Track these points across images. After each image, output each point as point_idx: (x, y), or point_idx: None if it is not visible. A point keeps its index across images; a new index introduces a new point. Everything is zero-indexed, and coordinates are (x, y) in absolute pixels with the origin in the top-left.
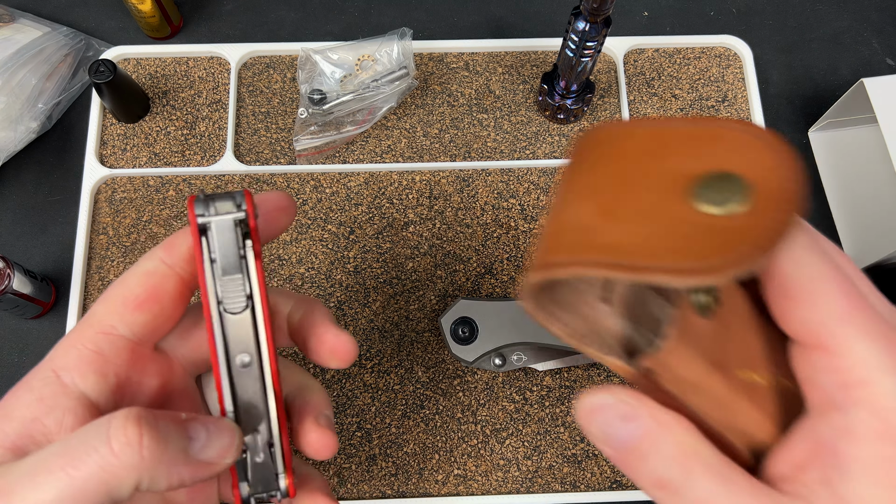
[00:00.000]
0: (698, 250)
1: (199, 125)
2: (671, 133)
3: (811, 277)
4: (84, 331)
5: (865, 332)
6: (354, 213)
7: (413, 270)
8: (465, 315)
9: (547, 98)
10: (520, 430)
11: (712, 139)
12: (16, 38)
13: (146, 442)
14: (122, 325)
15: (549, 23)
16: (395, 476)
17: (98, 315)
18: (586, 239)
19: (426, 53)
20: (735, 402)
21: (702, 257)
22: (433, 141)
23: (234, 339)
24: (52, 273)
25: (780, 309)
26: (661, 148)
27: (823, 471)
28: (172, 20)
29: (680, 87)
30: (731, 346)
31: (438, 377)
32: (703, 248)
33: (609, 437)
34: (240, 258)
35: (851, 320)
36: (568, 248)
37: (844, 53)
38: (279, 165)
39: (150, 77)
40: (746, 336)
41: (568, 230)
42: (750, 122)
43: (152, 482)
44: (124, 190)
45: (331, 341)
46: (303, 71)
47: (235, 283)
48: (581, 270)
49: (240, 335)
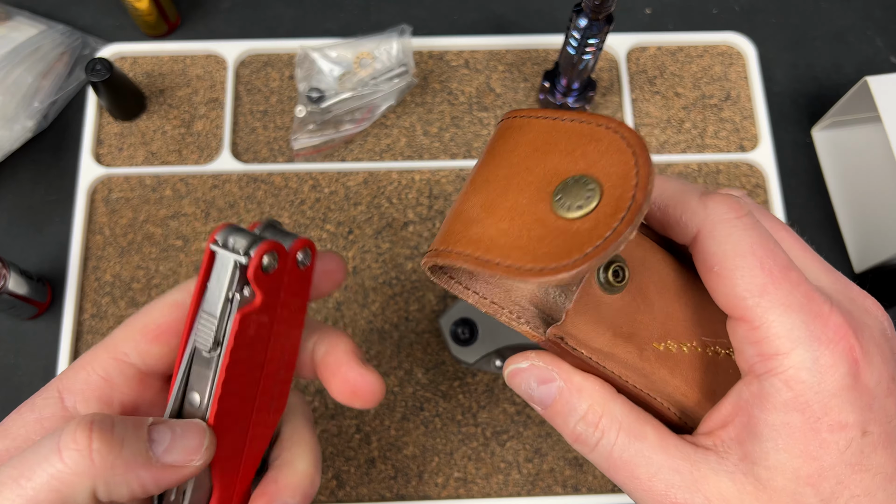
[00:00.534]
0: (539, 252)
1: (196, 123)
2: (560, 128)
3: (732, 253)
4: (98, 353)
5: (782, 304)
6: (353, 213)
7: (413, 271)
8: (466, 316)
9: (548, 96)
10: (521, 433)
11: (591, 139)
12: (11, 35)
13: (96, 446)
14: (135, 354)
15: (550, 20)
16: (394, 479)
17: (115, 339)
18: (464, 231)
19: (426, 51)
20: (652, 371)
21: (538, 259)
22: (433, 140)
23: (195, 374)
24: (48, 273)
25: (707, 283)
26: (548, 144)
27: (738, 430)
28: (169, 17)
29: (683, 86)
30: (646, 319)
31: (438, 379)
32: (544, 251)
33: (531, 398)
34: (225, 300)
35: (767, 293)
36: (450, 239)
37: (848, 51)
38: (277, 164)
39: (147, 75)
40: (670, 308)
41: (457, 220)
42: (623, 124)
43: (110, 488)
44: (121, 189)
45: (353, 381)
46: (301, 69)
47: (209, 324)
48: (451, 261)
49: (200, 373)
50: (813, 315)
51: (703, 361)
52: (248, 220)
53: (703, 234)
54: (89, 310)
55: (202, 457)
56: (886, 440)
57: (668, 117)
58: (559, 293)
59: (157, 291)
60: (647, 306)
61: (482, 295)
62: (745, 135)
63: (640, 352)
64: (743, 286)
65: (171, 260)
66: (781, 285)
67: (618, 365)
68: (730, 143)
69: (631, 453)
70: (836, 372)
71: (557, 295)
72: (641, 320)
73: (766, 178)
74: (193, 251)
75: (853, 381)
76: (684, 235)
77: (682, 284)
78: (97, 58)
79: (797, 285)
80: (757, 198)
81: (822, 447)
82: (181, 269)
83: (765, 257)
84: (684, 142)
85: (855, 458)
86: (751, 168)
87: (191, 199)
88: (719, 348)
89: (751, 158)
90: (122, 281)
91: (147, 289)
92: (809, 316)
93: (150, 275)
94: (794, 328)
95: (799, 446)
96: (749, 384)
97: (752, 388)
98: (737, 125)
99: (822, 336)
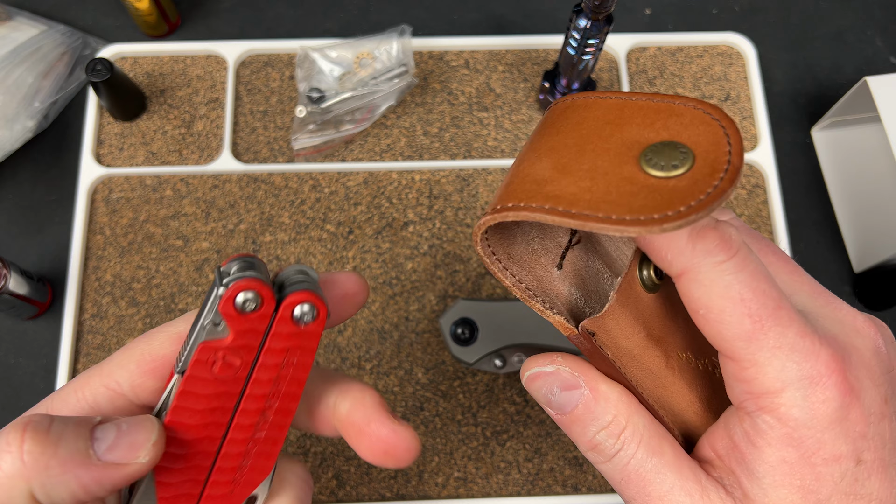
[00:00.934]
0: (635, 205)
1: (197, 124)
2: (633, 105)
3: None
4: (92, 377)
5: (771, 347)
6: (353, 213)
7: (413, 271)
8: (465, 316)
9: (548, 96)
10: (521, 433)
11: (669, 113)
12: (12, 36)
13: (28, 447)
14: (127, 385)
15: (550, 20)
16: (394, 479)
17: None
18: (536, 188)
19: (426, 51)
20: (671, 380)
21: (635, 211)
22: (433, 140)
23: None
24: (48, 273)
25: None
26: (622, 118)
27: (736, 466)
28: (170, 18)
29: (682, 86)
30: (674, 326)
31: (438, 379)
32: (640, 204)
33: (551, 403)
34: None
35: (755, 339)
36: (518, 195)
37: (848, 51)
38: (277, 164)
39: (148, 75)
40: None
41: (522, 181)
42: (706, 102)
43: (47, 490)
44: (121, 189)
45: (386, 439)
46: (301, 69)
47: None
48: (524, 214)
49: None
50: (804, 354)
51: (712, 381)
52: (247, 220)
53: (689, 276)
54: (90, 310)
55: (147, 453)
56: (881, 465)
57: None
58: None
59: (158, 291)
60: (675, 313)
61: (518, 278)
62: (744, 135)
63: (667, 359)
64: (730, 333)
65: (172, 260)
66: (771, 330)
67: (640, 372)
68: None
69: (647, 469)
70: (827, 407)
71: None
72: (670, 326)
73: (766, 178)
74: (194, 251)
75: (845, 413)
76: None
77: None
78: (98, 58)
79: (788, 326)
80: (757, 198)
81: (818, 480)
82: (181, 269)
83: (753, 303)
84: None
85: (850, 486)
86: (750, 168)
87: (191, 199)
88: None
89: (750, 158)
90: (123, 281)
91: (147, 289)
92: (800, 355)
93: (151, 275)
94: (784, 369)
95: (796, 481)
96: (741, 420)
97: (745, 426)
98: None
99: (813, 373)
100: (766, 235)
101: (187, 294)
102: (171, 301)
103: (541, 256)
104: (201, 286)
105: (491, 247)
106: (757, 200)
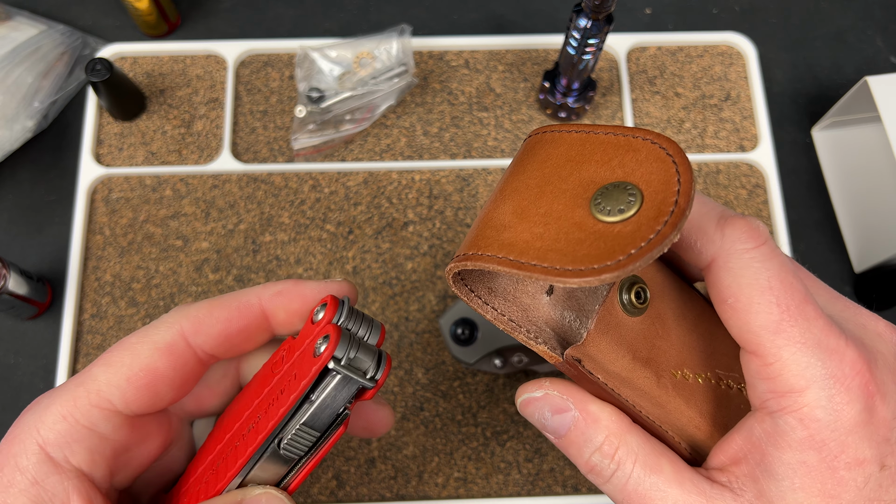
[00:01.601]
0: (579, 254)
1: (197, 123)
2: (594, 141)
3: (747, 288)
4: (78, 398)
5: (797, 341)
6: (353, 213)
7: (413, 271)
8: (465, 316)
9: (548, 96)
10: (521, 433)
11: (627, 149)
12: (12, 35)
13: None
14: (121, 402)
15: (550, 20)
16: (394, 479)
17: (98, 382)
18: (494, 235)
19: (426, 51)
20: (668, 400)
21: (578, 261)
22: (433, 139)
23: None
24: (48, 273)
25: (720, 313)
26: (582, 155)
27: (752, 468)
28: (169, 17)
29: (683, 86)
30: (665, 345)
31: (438, 379)
32: (584, 253)
33: (546, 427)
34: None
35: (783, 332)
36: (478, 243)
37: (848, 51)
38: (277, 164)
39: (147, 75)
40: (687, 337)
41: (484, 227)
42: (661, 135)
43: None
44: (121, 189)
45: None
46: (301, 69)
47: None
48: (480, 264)
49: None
50: (829, 352)
51: (716, 394)
52: (247, 220)
53: (718, 264)
54: (89, 310)
55: None
56: None
57: (668, 117)
58: (574, 318)
59: (157, 291)
60: (666, 332)
61: (500, 311)
62: (745, 135)
63: (658, 378)
64: (758, 323)
65: (172, 260)
66: (797, 322)
67: (633, 392)
68: (730, 143)
69: (646, 486)
70: (851, 409)
71: (573, 320)
72: (660, 346)
73: (766, 178)
74: (193, 251)
75: (869, 416)
76: (698, 261)
77: (698, 314)
78: (97, 58)
79: (814, 321)
80: (757, 198)
81: (840, 485)
82: (181, 269)
83: (781, 293)
84: (684, 142)
85: (874, 492)
86: (751, 168)
87: (191, 199)
88: (732, 382)
89: (751, 158)
90: (123, 281)
91: (147, 289)
92: (825, 353)
93: (151, 275)
94: (810, 366)
95: (816, 485)
96: (761, 421)
97: (766, 426)
98: (737, 125)
99: (838, 373)
100: None
101: (187, 294)
102: (171, 301)
103: (528, 284)
104: (201, 286)
105: (468, 285)
106: (757, 200)
